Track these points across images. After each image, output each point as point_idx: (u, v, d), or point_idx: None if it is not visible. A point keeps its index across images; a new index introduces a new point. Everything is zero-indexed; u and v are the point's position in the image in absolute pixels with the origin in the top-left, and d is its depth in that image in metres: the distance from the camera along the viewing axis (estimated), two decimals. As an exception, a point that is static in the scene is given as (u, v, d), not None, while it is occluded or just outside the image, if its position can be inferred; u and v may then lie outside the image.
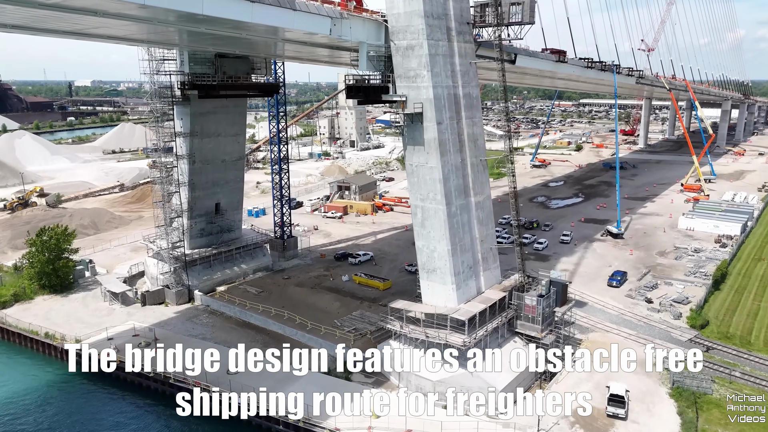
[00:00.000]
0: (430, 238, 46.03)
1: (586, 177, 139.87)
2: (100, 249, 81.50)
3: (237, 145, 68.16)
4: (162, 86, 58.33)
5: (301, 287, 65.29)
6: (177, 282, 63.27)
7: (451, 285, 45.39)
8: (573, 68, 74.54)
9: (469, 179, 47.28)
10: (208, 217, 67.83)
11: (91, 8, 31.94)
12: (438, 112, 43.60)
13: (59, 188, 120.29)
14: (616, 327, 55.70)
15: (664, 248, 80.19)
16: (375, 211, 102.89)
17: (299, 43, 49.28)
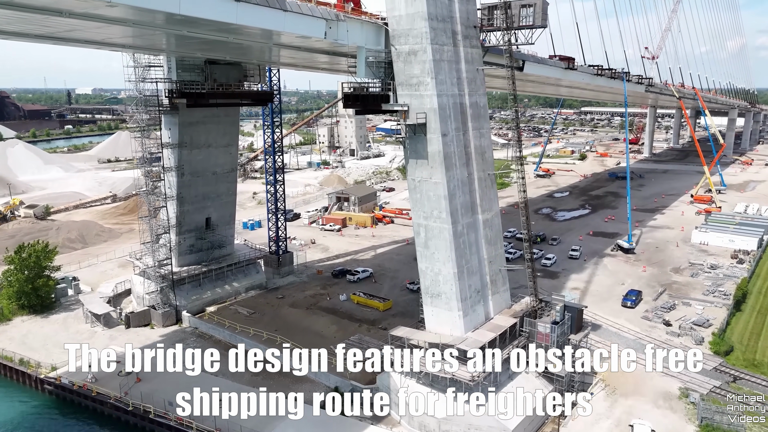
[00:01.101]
0: (434, 260, 42.21)
1: (592, 187, 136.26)
2: (86, 264, 77.70)
3: (229, 157, 64.52)
4: (148, 94, 54.72)
5: (296, 308, 61.40)
6: (164, 302, 59.40)
7: (458, 311, 41.52)
8: (582, 76, 71.15)
9: (477, 195, 43.54)
10: (198, 232, 64.07)
11: (54, 8, 28.38)
12: (443, 122, 39.93)
13: (49, 199, 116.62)
14: (634, 353, 51.62)
15: (678, 264, 76.36)
16: (375, 224, 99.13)
17: (293, 48, 45.78)
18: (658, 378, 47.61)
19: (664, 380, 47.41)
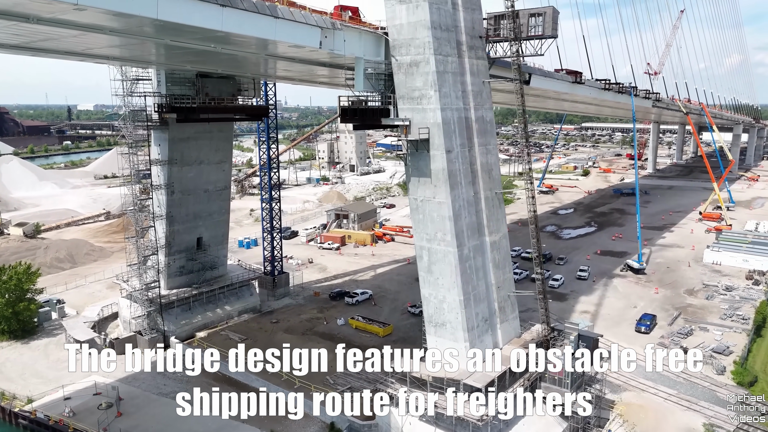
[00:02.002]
0: (438, 286, 39.08)
1: (597, 204, 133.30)
2: (73, 286, 74.51)
3: (222, 174, 61.65)
4: (136, 109, 52.04)
5: (291, 333, 58.07)
6: (151, 327, 56.12)
7: (464, 342, 38.29)
8: (590, 90, 68.67)
9: (483, 216, 40.54)
10: (189, 253, 60.95)
11: (16, 12, 25.66)
12: (447, 138, 37.09)
13: (41, 216, 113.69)
14: (653, 384, 48.27)
15: (691, 286, 73.07)
16: (375, 242, 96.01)
17: (287, 60, 43.16)
18: (680, 412, 44.16)
19: (687, 415, 43.94)
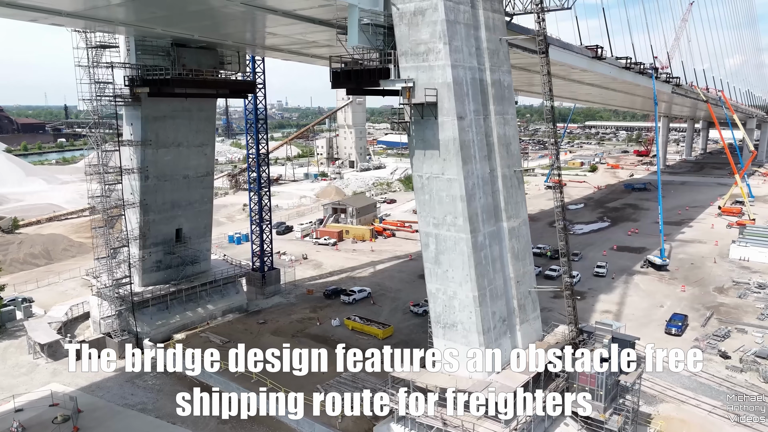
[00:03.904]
0: (447, 280, 32.84)
1: (608, 199, 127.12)
2: (45, 283, 68.41)
3: (203, 158, 55.51)
4: (102, 82, 45.93)
5: (279, 335, 51.84)
6: (122, 329, 49.95)
7: (479, 347, 32.02)
8: (609, 68, 62.50)
9: (501, 197, 34.33)
10: (167, 246, 54.78)
11: None
12: (459, 101, 30.89)
13: (22, 211, 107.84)
14: (692, 394, 41.99)
15: (720, 283, 66.79)
16: (374, 237, 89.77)
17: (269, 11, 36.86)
18: (728, 428, 37.87)
19: (735, 431, 37.66)
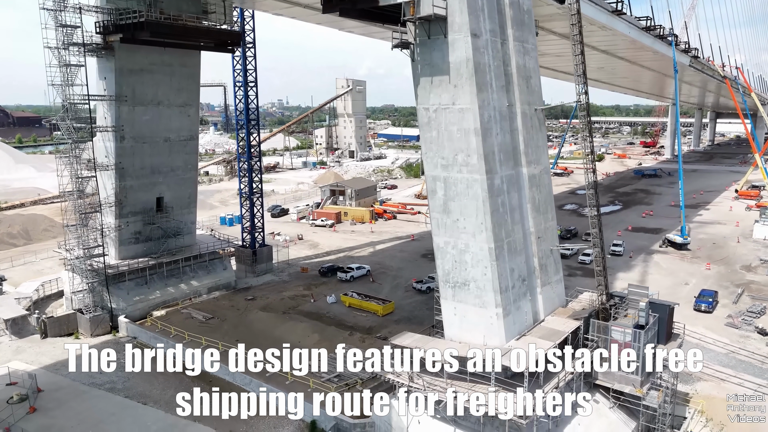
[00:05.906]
0: (458, 230, 27.98)
1: (618, 185, 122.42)
2: (21, 262, 63.71)
3: (186, 120, 50.74)
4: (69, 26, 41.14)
5: (268, 311, 47.01)
6: (95, 304, 45.16)
7: (495, 308, 27.18)
8: (629, 28, 57.65)
9: (520, 137, 29.52)
10: (146, 216, 50.00)
11: None
12: (473, 15, 26.05)
13: (6, 194, 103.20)
14: (733, 372, 37.15)
15: (747, 262, 62.00)
16: (374, 219, 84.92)
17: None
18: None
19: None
